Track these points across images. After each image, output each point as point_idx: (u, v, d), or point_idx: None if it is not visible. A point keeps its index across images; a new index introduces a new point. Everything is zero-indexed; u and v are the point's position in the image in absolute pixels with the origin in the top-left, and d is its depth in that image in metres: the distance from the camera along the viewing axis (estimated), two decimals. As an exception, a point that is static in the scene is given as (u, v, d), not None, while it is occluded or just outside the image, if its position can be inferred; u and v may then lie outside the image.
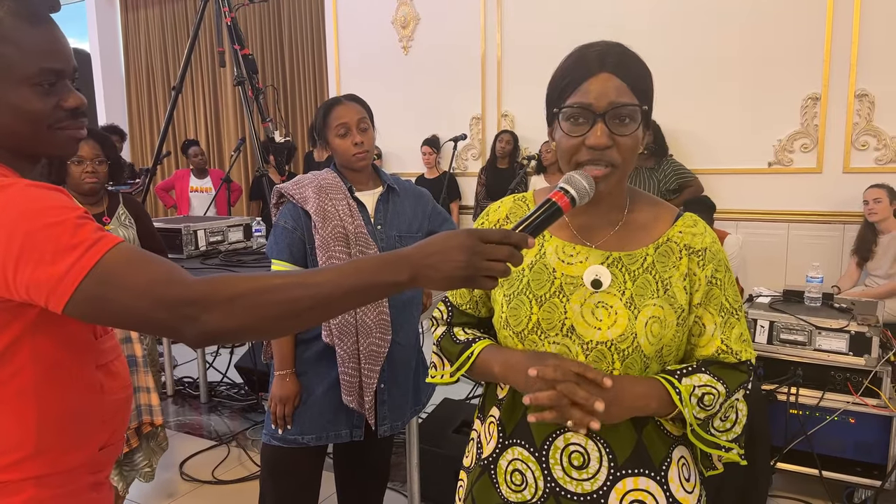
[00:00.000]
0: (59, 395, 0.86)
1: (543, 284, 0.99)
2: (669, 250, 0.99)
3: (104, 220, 2.32)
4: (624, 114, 0.91)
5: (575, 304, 0.96)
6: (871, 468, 2.31)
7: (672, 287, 0.97)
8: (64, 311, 0.75)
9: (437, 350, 1.13)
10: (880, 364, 2.28)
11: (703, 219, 1.06)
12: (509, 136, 5.01)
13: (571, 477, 0.96)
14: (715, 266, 0.99)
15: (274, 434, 1.80)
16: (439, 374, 1.12)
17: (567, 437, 0.96)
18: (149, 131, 8.04)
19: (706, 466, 1.05)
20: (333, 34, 5.91)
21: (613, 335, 0.94)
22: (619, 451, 0.96)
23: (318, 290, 0.78)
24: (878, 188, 3.66)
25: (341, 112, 1.77)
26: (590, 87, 0.91)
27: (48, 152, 0.89)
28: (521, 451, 1.00)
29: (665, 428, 1.00)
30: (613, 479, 0.95)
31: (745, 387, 1.00)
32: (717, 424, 0.99)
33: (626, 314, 0.94)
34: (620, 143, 0.92)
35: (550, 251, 1.02)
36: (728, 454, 1.00)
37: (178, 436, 3.29)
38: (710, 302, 0.98)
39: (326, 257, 1.70)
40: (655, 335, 0.94)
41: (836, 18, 4.01)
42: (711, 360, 0.99)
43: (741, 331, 1.00)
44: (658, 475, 0.97)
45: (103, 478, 0.97)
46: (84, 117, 0.89)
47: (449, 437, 2.47)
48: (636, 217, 1.02)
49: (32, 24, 0.82)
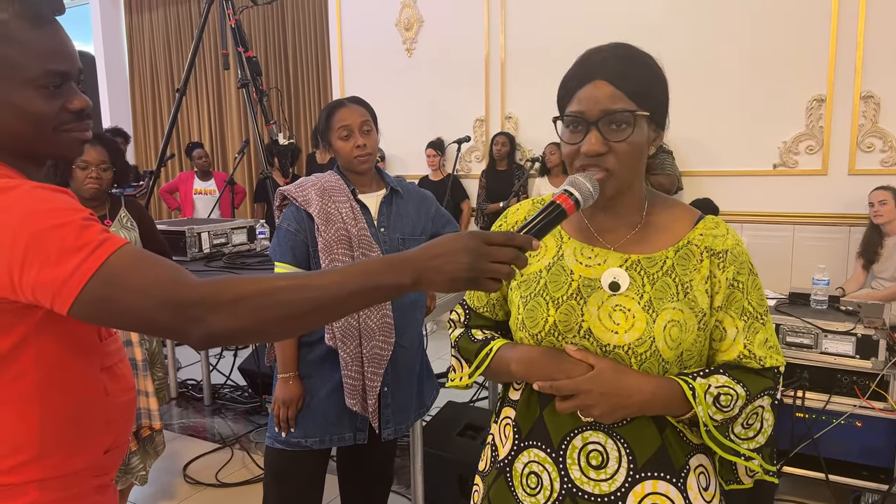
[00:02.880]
0: (63, 397, 0.86)
1: (561, 286, 0.98)
2: (690, 253, 0.97)
3: (105, 222, 2.32)
4: (619, 119, 0.91)
5: (592, 306, 0.95)
6: (877, 472, 2.29)
7: (693, 290, 0.95)
8: (69, 312, 0.75)
9: (455, 352, 1.12)
10: (887, 367, 2.26)
11: None
12: (505, 138, 5.00)
13: (589, 477, 0.95)
14: (737, 269, 0.96)
15: (277, 437, 1.79)
16: (458, 377, 1.11)
17: (585, 437, 0.95)
18: (153, 133, 8.06)
19: (727, 479, 1.02)
20: (337, 36, 5.92)
21: (631, 339, 0.92)
22: (639, 453, 0.94)
23: (323, 293, 0.78)
24: (883, 190, 3.64)
25: (344, 114, 1.77)
26: (583, 96, 0.92)
27: (53, 154, 0.89)
28: (538, 453, 0.99)
29: (684, 435, 0.98)
30: (632, 480, 0.94)
31: (771, 394, 0.96)
32: (739, 431, 0.95)
33: (644, 318, 0.92)
34: (616, 148, 0.91)
35: (568, 253, 1.01)
36: (749, 463, 0.96)
37: (181, 438, 3.30)
38: (731, 305, 0.96)
39: (329, 260, 1.70)
40: (675, 339, 0.92)
41: (841, 20, 4.00)
42: (733, 365, 0.97)
43: (766, 336, 0.97)
44: (678, 481, 0.95)
45: (108, 480, 0.97)
46: (89, 119, 0.89)
47: (453, 441, 2.46)
48: (655, 219, 1.01)
49: (37, 26, 0.82)
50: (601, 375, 0.90)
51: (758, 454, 0.97)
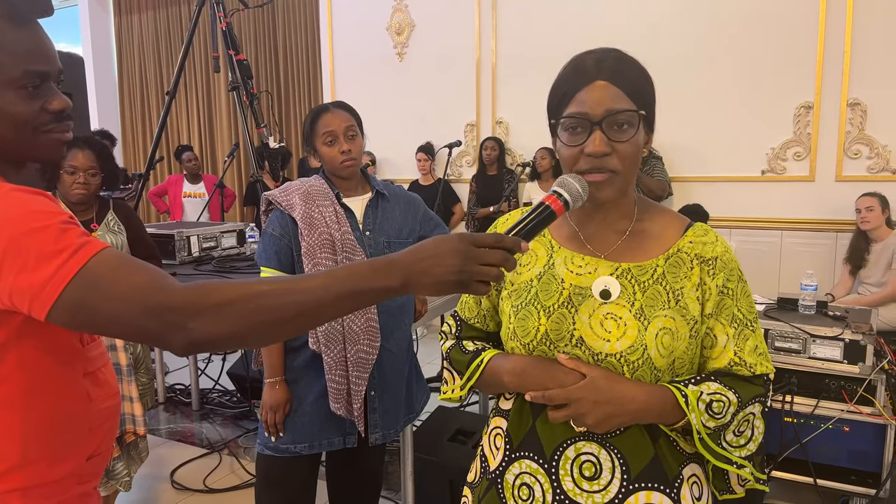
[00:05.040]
0: (45, 403, 0.84)
1: (552, 295, 0.98)
2: (680, 261, 0.97)
3: (92, 226, 2.30)
4: (622, 120, 0.90)
5: (584, 315, 0.95)
6: (865, 476, 2.30)
7: (684, 298, 0.94)
8: (47, 318, 0.73)
9: (448, 364, 1.11)
10: (874, 372, 2.28)
11: None
12: (493, 143, 5.00)
13: (582, 489, 0.93)
14: (727, 276, 0.96)
15: (267, 443, 1.78)
16: (450, 389, 1.10)
17: (578, 447, 0.94)
18: (141, 136, 8.00)
19: (720, 489, 1.01)
20: (328, 40, 5.91)
21: (622, 347, 0.92)
22: (633, 463, 0.93)
23: (308, 296, 0.76)
24: (870, 196, 3.68)
25: (329, 120, 1.77)
26: (586, 97, 0.91)
27: (33, 156, 0.87)
28: (530, 464, 0.97)
29: (677, 444, 0.97)
30: (626, 491, 0.92)
31: (761, 401, 0.97)
32: (730, 438, 0.95)
33: (636, 325, 0.92)
34: (619, 149, 0.91)
35: (559, 262, 1.00)
36: (741, 471, 0.96)
37: (168, 443, 3.26)
38: (721, 312, 0.96)
39: (312, 264, 1.69)
40: (666, 347, 0.92)
41: (828, 27, 4.04)
42: (724, 372, 0.97)
43: (756, 343, 0.97)
44: (672, 491, 0.94)
45: (91, 488, 0.95)
46: (70, 120, 0.87)
47: (444, 446, 2.45)
48: (645, 226, 1.00)
49: (16, 26, 0.81)
50: (594, 384, 0.90)
51: (749, 462, 0.97)
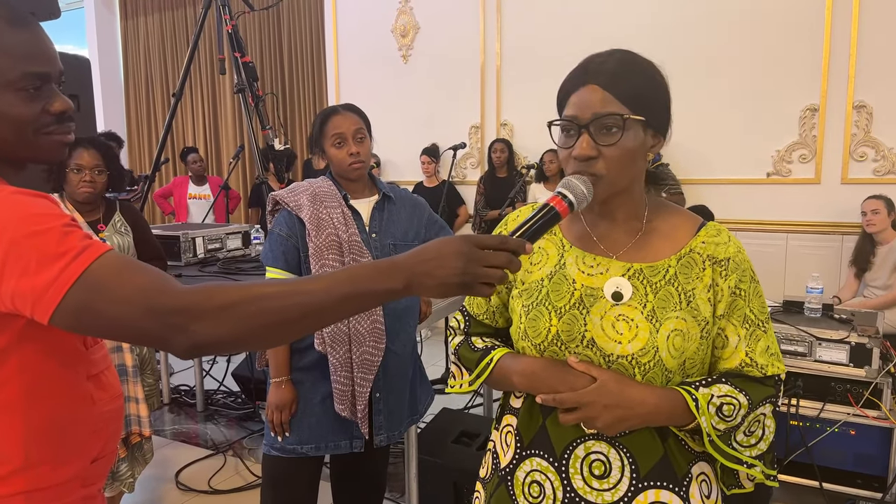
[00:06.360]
0: (48, 406, 0.84)
1: (563, 296, 0.98)
2: (692, 261, 0.96)
3: (99, 227, 2.30)
4: (609, 123, 0.91)
5: (595, 316, 0.95)
6: (871, 480, 2.30)
7: (696, 299, 0.94)
8: (50, 321, 0.72)
9: (455, 359, 1.12)
10: (881, 375, 2.27)
11: None
12: (502, 145, 5.00)
13: (591, 487, 0.94)
14: (739, 276, 0.96)
15: (273, 444, 1.78)
16: (458, 384, 1.11)
17: (588, 446, 0.95)
18: (147, 138, 8.04)
19: (728, 484, 1.02)
20: (333, 42, 5.92)
21: (634, 349, 0.92)
22: (642, 462, 0.94)
23: (311, 298, 0.76)
24: (876, 199, 3.66)
25: (338, 122, 1.77)
26: (576, 100, 0.93)
27: (35, 158, 0.86)
28: (540, 462, 0.98)
29: (686, 443, 0.98)
30: (635, 490, 0.93)
31: (772, 401, 0.97)
32: (741, 439, 0.95)
33: (648, 327, 0.92)
34: (606, 153, 0.91)
35: (570, 262, 1.00)
36: (751, 470, 0.97)
37: (173, 445, 3.27)
38: (733, 313, 0.96)
39: (319, 265, 1.69)
40: (678, 348, 0.92)
41: (834, 30, 4.03)
42: (735, 373, 0.97)
43: (768, 344, 0.97)
44: (681, 489, 0.95)
45: (96, 490, 0.95)
46: (71, 121, 0.87)
47: (448, 448, 2.45)
48: (656, 226, 1.00)
49: (15, 28, 0.81)
50: (604, 387, 0.90)
51: (759, 461, 0.97)
